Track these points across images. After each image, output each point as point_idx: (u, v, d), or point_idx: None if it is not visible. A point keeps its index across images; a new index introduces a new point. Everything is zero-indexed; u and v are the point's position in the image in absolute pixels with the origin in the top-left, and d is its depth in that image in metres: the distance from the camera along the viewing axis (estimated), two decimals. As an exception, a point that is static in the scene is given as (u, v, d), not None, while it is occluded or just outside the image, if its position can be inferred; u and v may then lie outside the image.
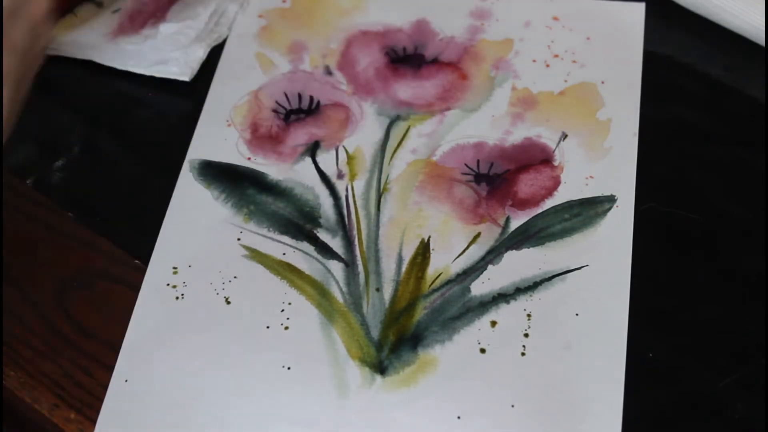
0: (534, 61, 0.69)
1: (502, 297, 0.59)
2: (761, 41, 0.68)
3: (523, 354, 0.57)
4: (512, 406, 0.55)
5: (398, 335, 0.58)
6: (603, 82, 0.68)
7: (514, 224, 0.62)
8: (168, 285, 0.61)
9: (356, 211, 0.63)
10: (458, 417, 0.55)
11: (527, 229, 0.62)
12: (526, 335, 0.58)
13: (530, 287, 0.59)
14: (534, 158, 0.65)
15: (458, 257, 0.61)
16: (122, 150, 0.68)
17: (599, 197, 0.63)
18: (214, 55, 0.71)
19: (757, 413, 0.55)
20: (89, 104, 0.70)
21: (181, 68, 0.70)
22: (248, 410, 0.56)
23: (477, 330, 0.58)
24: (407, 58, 0.70)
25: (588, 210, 0.62)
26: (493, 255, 0.61)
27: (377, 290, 0.60)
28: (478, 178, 0.64)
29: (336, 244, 0.62)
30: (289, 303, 0.60)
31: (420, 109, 0.68)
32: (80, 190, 0.66)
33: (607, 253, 0.60)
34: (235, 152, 0.66)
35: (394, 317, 0.59)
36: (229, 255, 0.62)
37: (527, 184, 0.64)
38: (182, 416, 0.56)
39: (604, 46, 0.70)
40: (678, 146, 0.65)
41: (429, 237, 0.62)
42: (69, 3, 0.73)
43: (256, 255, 0.62)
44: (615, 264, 0.60)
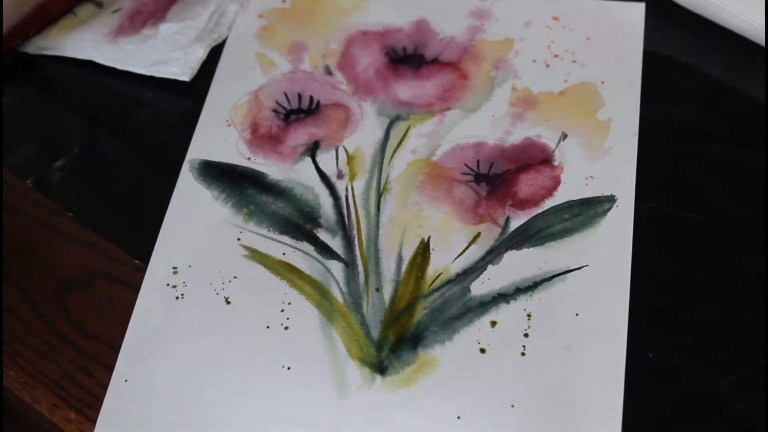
0: (534, 61, 0.69)
1: (502, 297, 0.59)
2: (761, 41, 0.68)
3: (523, 354, 0.57)
4: (512, 406, 0.55)
5: (398, 335, 0.58)
6: (603, 82, 0.68)
7: (514, 224, 0.62)
8: (168, 285, 0.61)
9: (356, 211, 0.63)
10: (458, 417, 0.55)
11: (527, 229, 0.62)
12: (526, 335, 0.58)
13: (530, 287, 0.59)
14: (534, 158, 0.65)
15: (458, 257, 0.61)
16: (122, 150, 0.68)
17: (599, 197, 0.63)
18: (214, 55, 0.71)
19: (757, 413, 0.54)
20: (89, 104, 0.70)
21: (181, 68, 0.70)
22: (248, 410, 0.56)
23: (477, 330, 0.58)
24: (407, 58, 0.70)
25: (588, 210, 0.62)
26: (493, 255, 0.61)
27: (377, 290, 0.60)
28: (478, 178, 0.64)
29: (336, 244, 0.62)
30: (289, 303, 0.60)
31: (420, 109, 0.68)
32: (80, 190, 0.66)
33: (607, 253, 0.60)
34: (235, 152, 0.66)
35: (394, 317, 0.59)
36: (229, 255, 0.62)
37: (527, 184, 0.64)
38: (182, 416, 0.56)
39: (604, 46, 0.70)
40: (678, 146, 0.65)
41: (429, 237, 0.62)
42: (69, 3, 0.73)
43: (256, 255, 0.62)
44: (615, 264, 0.60)
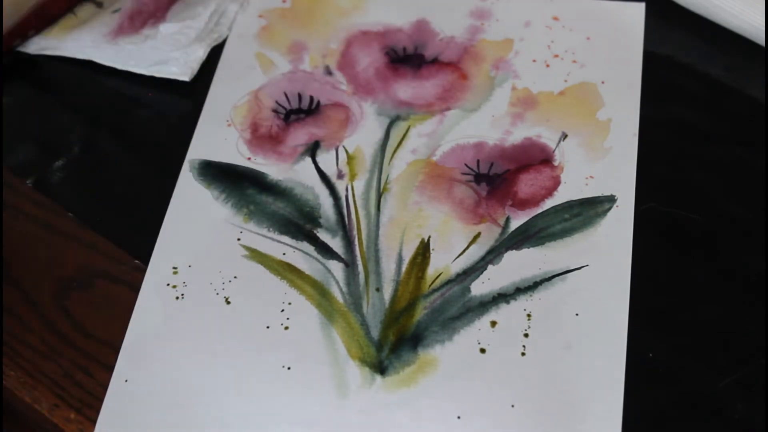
0: (534, 61, 0.69)
1: (502, 297, 0.59)
2: (761, 41, 0.68)
3: (523, 354, 0.57)
4: (512, 406, 0.55)
5: (398, 335, 0.58)
6: (603, 82, 0.68)
7: (514, 224, 0.62)
8: (168, 285, 0.61)
9: (356, 211, 0.63)
10: (458, 417, 0.55)
11: (527, 229, 0.62)
12: (526, 335, 0.58)
13: (530, 287, 0.59)
14: (534, 158, 0.65)
15: (458, 257, 0.61)
16: (122, 150, 0.68)
17: (599, 197, 0.63)
18: (214, 55, 0.71)
19: (757, 413, 0.54)
20: (89, 104, 0.70)
21: (181, 68, 0.70)
22: (248, 410, 0.56)
23: (477, 330, 0.58)
24: (407, 58, 0.70)
25: (588, 210, 0.62)
26: (493, 255, 0.61)
27: (377, 290, 0.60)
28: (478, 178, 0.64)
29: (336, 244, 0.62)
30: (289, 303, 0.60)
31: (420, 109, 0.68)
32: (80, 190, 0.66)
33: (607, 253, 0.60)
34: (235, 152, 0.66)
35: (394, 317, 0.59)
36: (229, 255, 0.62)
37: (527, 184, 0.64)
38: (182, 416, 0.56)
39: (604, 46, 0.70)
40: (678, 146, 0.65)
41: (429, 237, 0.62)
42: (69, 3, 0.73)
43: (256, 255, 0.62)
44: (615, 264, 0.60)
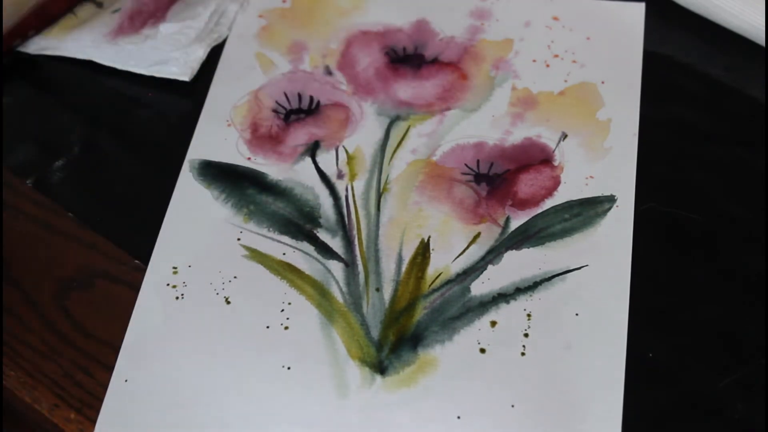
0: (534, 61, 0.69)
1: (502, 297, 0.59)
2: (761, 41, 0.68)
3: (523, 354, 0.57)
4: (512, 406, 0.55)
5: (398, 335, 0.58)
6: (603, 82, 0.68)
7: (514, 224, 0.62)
8: (168, 285, 0.61)
9: (356, 211, 0.63)
10: (458, 417, 0.55)
11: (527, 229, 0.62)
12: (526, 335, 0.58)
13: (530, 287, 0.59)
14: (534, 158, 0.65)
15: (458, 257, 0.61)
16: (122, 150, 0.68)
17: (599, 197, 0.63)
18: (214, 55, 0.71)
19: (757, 413, 0.54)
20: (89, 104, 0.70)
21: (181, 68, 0.70)
22: (248, 410, 0.56)
23: (477, 330, 0.58)
24: (407, 58, 0.70)
25: (588, 210, 0.62)
26: (493, 255, 0.61)
27: (377, 290, 0.60)
28: (478, 178, 0.64)
29: (336, 244, 0.62)
30: (289, 303, 0.60)
31: (420, 109, 0.68)
32: (80, 190, 0.66)
33: (607, 253, 0.60)
34: (235, 152, 0.66)
35: (394, 317, 0.59)
36: (229, 255, 0.62)
37: (527, 184, 0.64)
38: (182, 416, 0.56)
39: (604, 46, 0.70)
40: (678, 146, 0.65)
41: (429, 237, 0.62)
42: (69, 3, 0.73)
43: (256, 255, 0.61)
44: (615, 264, 0.60)
